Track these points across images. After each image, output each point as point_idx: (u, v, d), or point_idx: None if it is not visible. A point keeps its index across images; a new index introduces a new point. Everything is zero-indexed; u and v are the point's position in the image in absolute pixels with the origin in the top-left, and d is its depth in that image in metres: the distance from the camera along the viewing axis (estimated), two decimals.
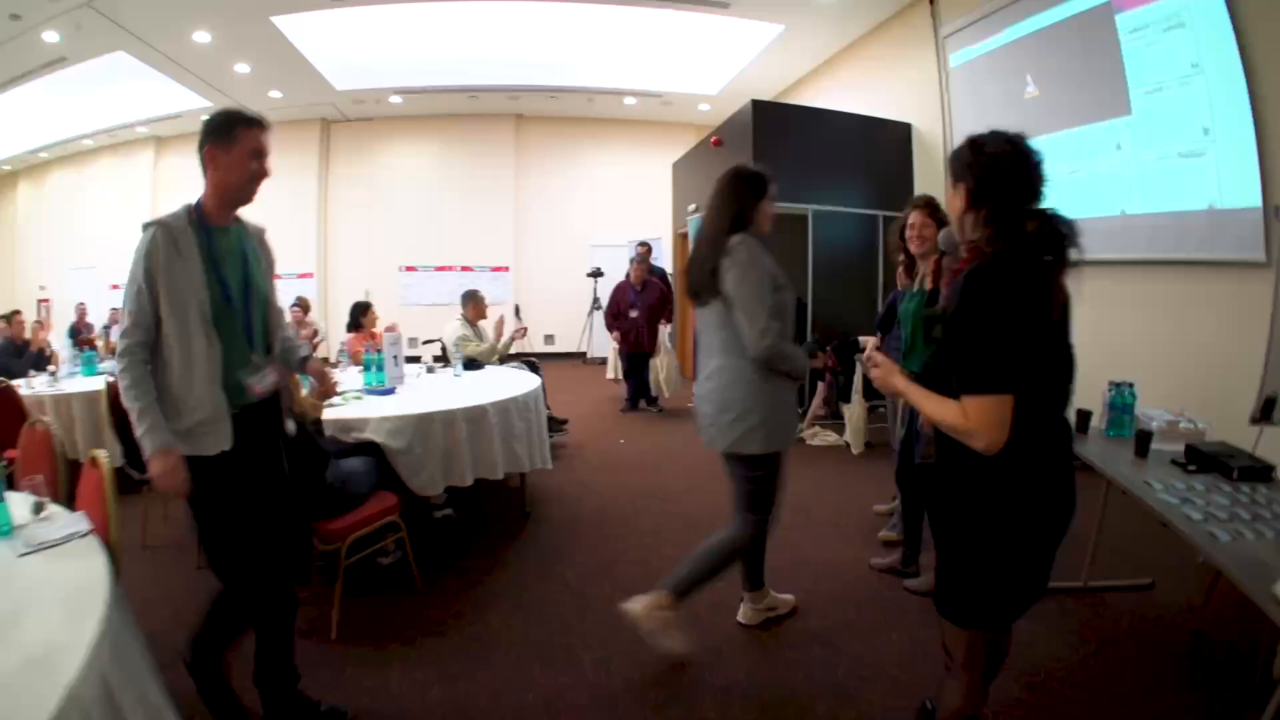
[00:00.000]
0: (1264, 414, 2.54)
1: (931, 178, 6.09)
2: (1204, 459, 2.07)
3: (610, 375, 7.56)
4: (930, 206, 2.57)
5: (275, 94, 8.56)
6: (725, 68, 8.36)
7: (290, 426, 1.96)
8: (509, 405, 3.13)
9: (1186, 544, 1.67)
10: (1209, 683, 2.07)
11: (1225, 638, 2.25)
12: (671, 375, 6.38)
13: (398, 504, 2.58)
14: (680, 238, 8.01)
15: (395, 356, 3.52)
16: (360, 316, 4.96)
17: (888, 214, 6.12)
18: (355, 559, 2.43)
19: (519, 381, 3.64)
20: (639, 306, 6.17)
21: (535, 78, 8.71)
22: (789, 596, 2.51)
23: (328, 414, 2.69)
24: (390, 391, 3.32)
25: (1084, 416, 2.54)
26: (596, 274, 9.53)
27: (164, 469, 1.56)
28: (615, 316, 6.32)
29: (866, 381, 4.41)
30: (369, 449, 2.69)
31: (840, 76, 7.56)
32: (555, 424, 4.82)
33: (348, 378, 3.78)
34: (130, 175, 10.23)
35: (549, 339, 10.52)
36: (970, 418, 1.22)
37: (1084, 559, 2.63)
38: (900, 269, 2.76)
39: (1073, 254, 1.24)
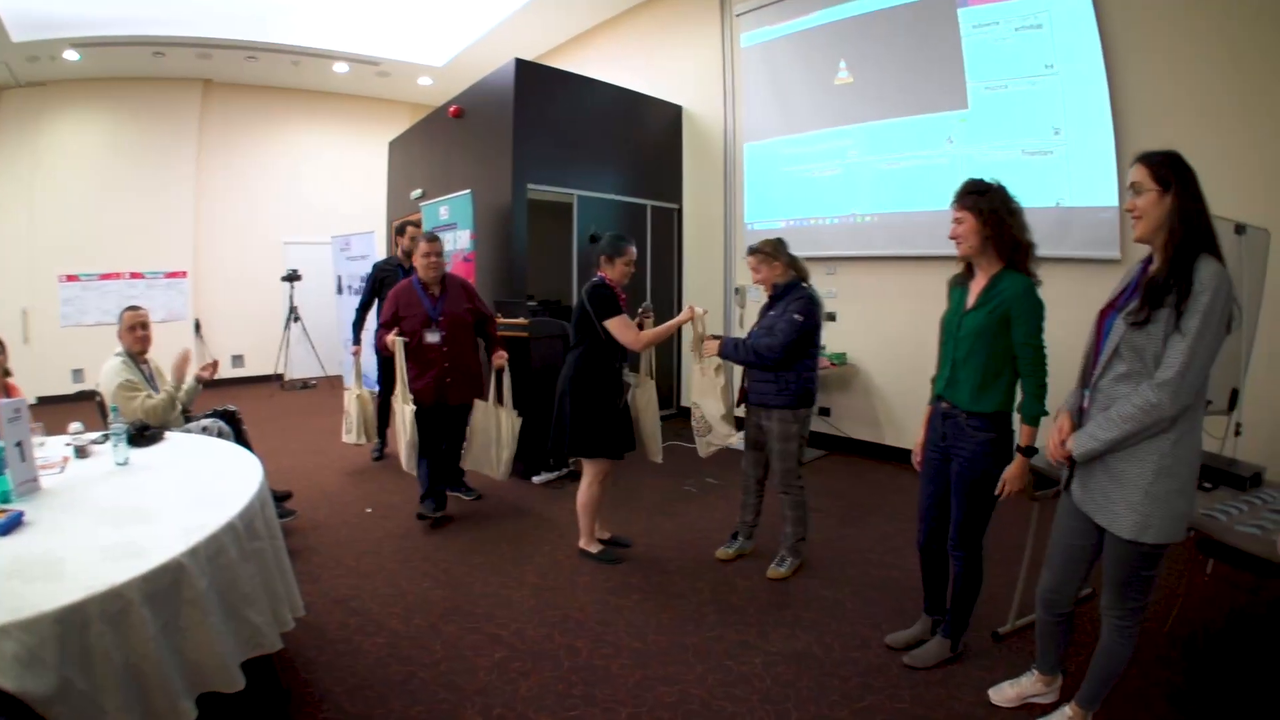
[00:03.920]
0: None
1: (703, 165, 5.75)
2: (1215, 475, 2.05)
3: (351, 439, 4.33)
4: (977, 193, 1.86)
5: None
6: (457, 35, 7.11)
7: None
8: (222, 541, 1.55)
9: None
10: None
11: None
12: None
13: None
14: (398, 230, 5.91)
15: (20, 444, 1.79)
16: None
17: (656, 204, 5.73)
18: None
19: (224, 468, 2.13)
20: (439, 323, 3.30)
21: (231, 30, 6.73)
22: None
23: None
24: (15, 521, 1.57)
25: None
26: (293, 278, 7.87)
27: None
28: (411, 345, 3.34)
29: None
30: None
31: (599, 51, 6.81)
32: (276, 501, 2.62)
33: None
34: None
35: (238, 360, 8.45)
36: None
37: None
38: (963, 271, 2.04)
39: None
